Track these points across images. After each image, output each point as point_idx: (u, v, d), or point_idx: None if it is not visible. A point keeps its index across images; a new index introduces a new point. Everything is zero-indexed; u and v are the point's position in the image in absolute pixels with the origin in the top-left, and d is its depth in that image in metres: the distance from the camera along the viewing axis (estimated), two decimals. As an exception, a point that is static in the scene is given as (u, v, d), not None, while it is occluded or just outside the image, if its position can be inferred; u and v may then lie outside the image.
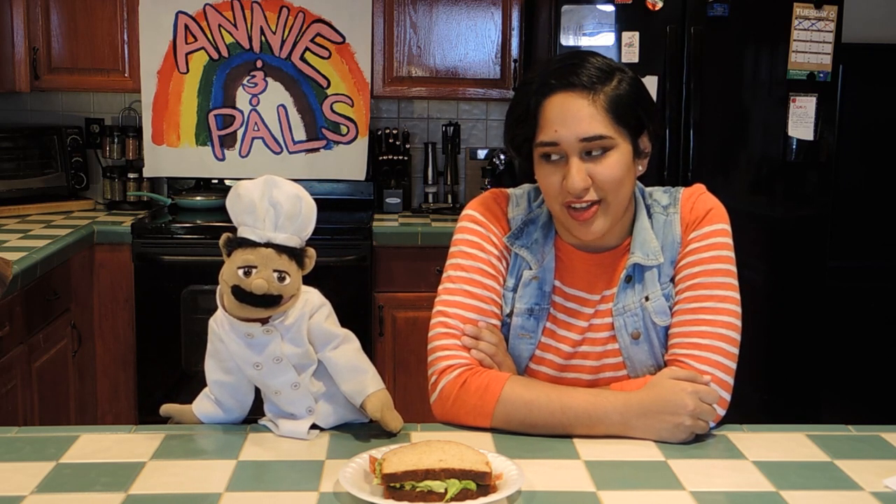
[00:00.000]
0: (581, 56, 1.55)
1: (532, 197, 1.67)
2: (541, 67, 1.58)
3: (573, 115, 1.49)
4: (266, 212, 1.39)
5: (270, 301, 1.38)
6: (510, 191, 1.69)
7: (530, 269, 1.62)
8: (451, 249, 1.66)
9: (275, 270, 1.38)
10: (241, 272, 1.37)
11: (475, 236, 1.64)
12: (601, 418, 1.47)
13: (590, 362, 1.63)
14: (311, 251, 1.43)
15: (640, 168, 1.58)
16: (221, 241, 1.40)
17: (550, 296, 1.62)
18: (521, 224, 1.64)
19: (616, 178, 1.51)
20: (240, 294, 1.37)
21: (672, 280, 1.60)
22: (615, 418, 1.47)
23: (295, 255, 1.40)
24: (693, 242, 1.59)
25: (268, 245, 1.39)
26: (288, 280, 1.39)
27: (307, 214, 1.42)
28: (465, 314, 1.59)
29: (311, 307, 1.44)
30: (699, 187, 1.66)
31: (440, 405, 1.55)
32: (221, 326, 1.44)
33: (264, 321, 1.42)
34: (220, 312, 1.44)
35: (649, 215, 1.62)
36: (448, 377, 1.54)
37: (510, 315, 1.62)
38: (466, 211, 1.67)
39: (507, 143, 1.61)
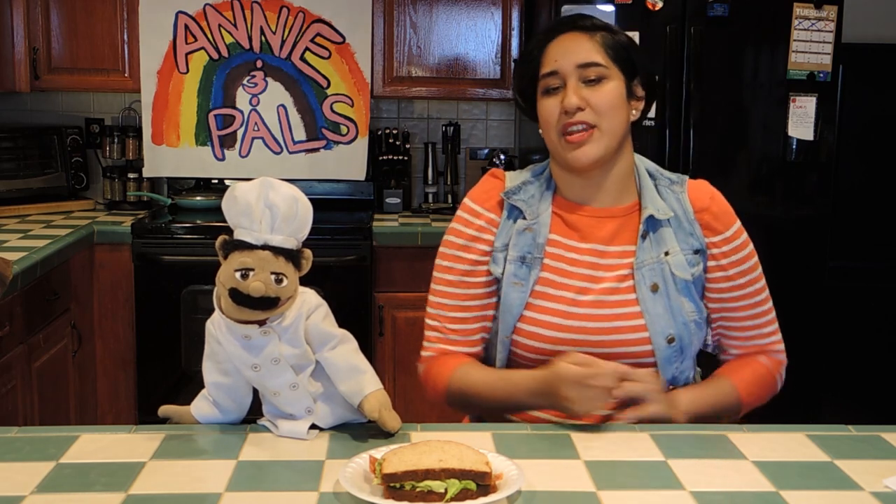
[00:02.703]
0: (584, 14, 1.72)
1: (533, 170, 1.77)
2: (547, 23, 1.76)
3: (573, 48, 1.65)
4: (262, 214, 1.39)
5: (268, 303, 1.38)
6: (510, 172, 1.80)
7: (524, 219, 1.70)
8: (442, 243, 1.76)
9: (272, 273, 1.38)
10: (238, 275, 1.37)
11: (463, 230, 1.73)
12: (512, 395, 1.63)
13: (602, 311, 1.66)
14: (308, 252, 1.43)
15: (633, 112, 1.69)
16: (218, 244, 1.40)
17: (544, 247, 1.69)
18: (521, 183, 1.73)
19: (609, 103, 1.63)
20: (237, 297, 1.37)
21: (697, 253, 1.68)
22: (521, 397, 1.62)
23: (292, 256, 1.40)
24: (735, 239, 1.70)
25: (264, 247, 1.39)
26: (285, 282, 1.39)
27: (304, 216, 1.42)
28: (448, 314, 1.73)
29: (309, 308, 1.44)
30: (704, 181, 1.78)
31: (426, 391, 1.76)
32: (219, 328, 1.44)
33: (262, 323, 1.41)
34: (217, 314, 1.44)
35: (653, 179, 1.73)
36: (421, 367, 1.77)
37: (503, 271, 1.69)
38: (464, 200, 1.77)
39: (515, 91, 1.76)
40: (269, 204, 1.39)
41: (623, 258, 1.68)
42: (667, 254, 1.67)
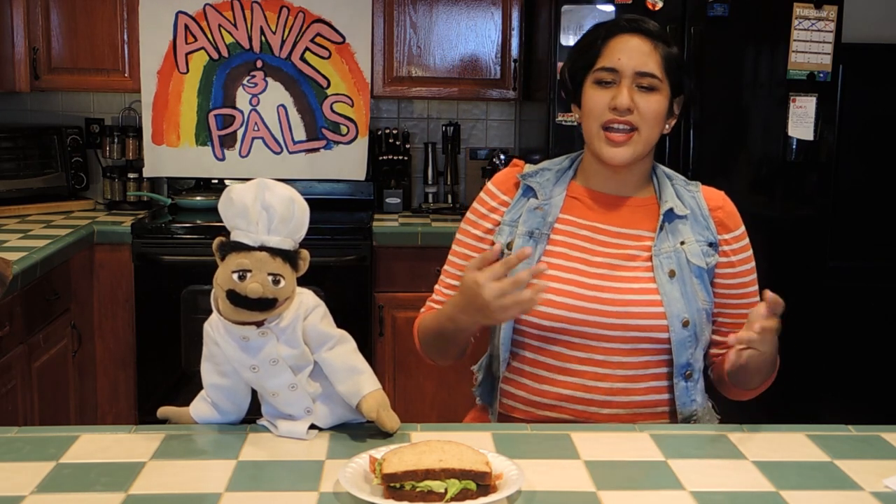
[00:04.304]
0: (649, 20, 1.77)
1: (552, 161, 1.84)
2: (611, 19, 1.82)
3: (637, 50, 1.71)
4: (259, 215, 1.39)
5: (266, 304, 1.38)
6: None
7: (536, 198, 1.77)
8: (461, 223, 1.86)
9: (269, 274, 1.38)
10: (235, 276, 1.37)
11: (477, 209, 1.83)
12: (445, 322, 1.67)
13: (618, 284, 1.71)
14: (305, 253, 1.43)
15: (666, 126, 1.77)
16: (214, 245, 1.40)
17: (553, 225, 1.76)
18: (538, 169, 1.81)
19: (654, 112, 1.71)
20: (235, 298, 1.37)
21: (711, 246, 1.74)
22: (447, 321, 1.66)
23: (289, 257, 1.40)
24: (743, 240, 1.78)
25: (262, 248, 1.38)
26: (283, 283, 1.39)
27: (300, 217, 1.42)
28: (448, 280, 1.83)
29: (306, 308, 1.44)
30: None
31: None
32: (216, 330, 1.44)
33: (259, 324, 1.41)
34: (214, 316, 1.44)
35: (670, 179, 1.80)
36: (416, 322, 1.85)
37: (510, 245, 1.75)
38: (486, 184, 1.86)
39: (563, 71, 1.80)
40: (265, 205, 1.39)
41: (639, 241, 1.75)
42: (682, 243, 1.73)
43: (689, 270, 1.71)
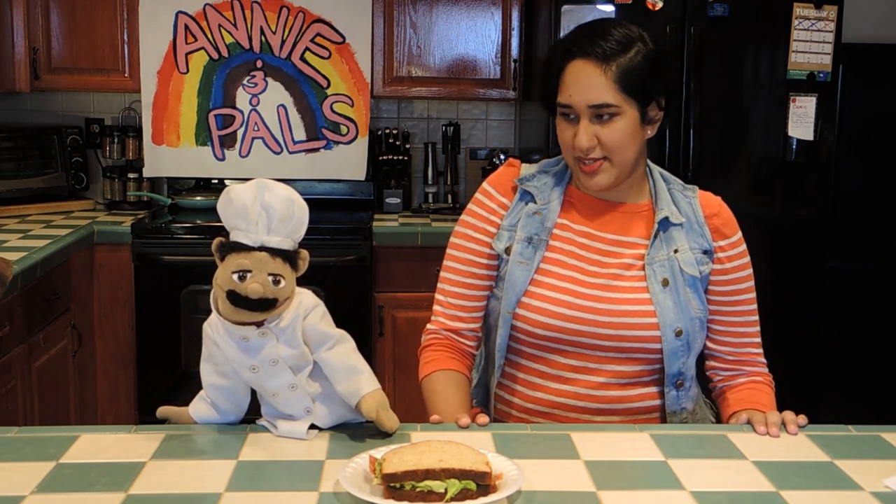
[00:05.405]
0: (605, 25, 1.69)
1: (548, 162, 1.83)
2: (570, 32, 1.73)
3: (586, 83, 1.64)
4: (258, 215, 1.39)
5: (266, 305, 1.38)
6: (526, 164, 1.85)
7: (535, 203, 1.76)
8: (457, 222, 1.83)
9: (269, 274, 1.38)
10: (235, 276, 1.37)
11: (475, 210, 1.80)
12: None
13: (612, 294, 1.70)
14: (305, 253, 1.43)
15: (648, 132, 1.72)
16: (214, 246, 1.40)
17: (551, 230, 1.75)
18: (535, 172, 1.79)
19: (620, 140, 1.66)
20: (235, 299, 1.37)
21: (706, 254, 1.72)
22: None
23: (289, 257, 1.40)
24: (738, 246, 1.76)
25: (261, 249, 1.38)
26: (283, 283, 1.39)
27: (300, 217, 1.42)
28: (452, 288, 1.79)
29: (305, 308, 1.44)
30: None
31: None
32: (216, 330, 1.44)
33: (259, 324, 1.41)
34: (214, 316, 1.44)
35: (667, 183, 1.77)
36: (423, 338, 1.82)
37: (508, 250, 1.74)
38: (482, 184, 1.84)
39: (539, 97, 1.78)
40: (265, 205, 1.39)
41: (634, 249, 1.73)
42: (676, 251, 1.71)
43: (682, 279, 1.71)
